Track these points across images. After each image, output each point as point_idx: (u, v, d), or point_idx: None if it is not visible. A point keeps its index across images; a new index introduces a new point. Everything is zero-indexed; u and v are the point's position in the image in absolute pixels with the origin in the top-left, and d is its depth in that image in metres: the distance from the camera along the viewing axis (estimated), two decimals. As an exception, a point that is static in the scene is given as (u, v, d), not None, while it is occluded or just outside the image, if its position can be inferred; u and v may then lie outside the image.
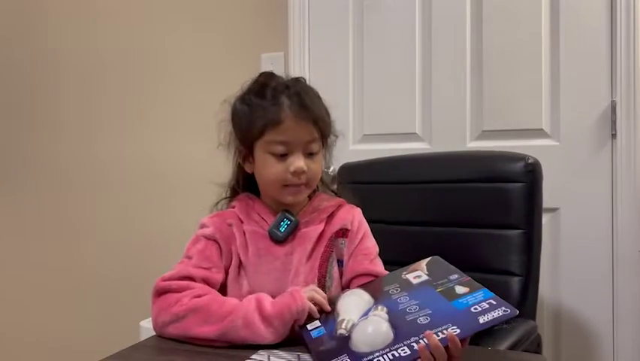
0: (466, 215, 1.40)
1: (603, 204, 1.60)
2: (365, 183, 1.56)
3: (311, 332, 0.89)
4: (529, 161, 1.35)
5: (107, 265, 2.29)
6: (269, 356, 0.85)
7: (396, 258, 1.14)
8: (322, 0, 1.94)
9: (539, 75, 1.68)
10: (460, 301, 0.81)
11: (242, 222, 1.07)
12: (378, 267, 1.08)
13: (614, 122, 1.59)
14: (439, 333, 0.76)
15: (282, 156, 1.02)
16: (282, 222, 1.05)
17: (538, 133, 1.68)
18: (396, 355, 0.75)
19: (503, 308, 0.78)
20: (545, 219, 1.65)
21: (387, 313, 0.84)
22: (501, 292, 1.26)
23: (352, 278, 1.06)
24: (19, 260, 2.46)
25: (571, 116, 1.64)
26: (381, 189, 1.54)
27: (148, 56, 2.21)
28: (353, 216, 1.11)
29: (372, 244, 1.11)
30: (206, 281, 1.01)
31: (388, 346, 0.77)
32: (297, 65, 1.94)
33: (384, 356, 0.76)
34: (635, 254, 1.56)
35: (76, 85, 2.35)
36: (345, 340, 0.82)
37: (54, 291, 2.39)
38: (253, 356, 0.86)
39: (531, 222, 1.34)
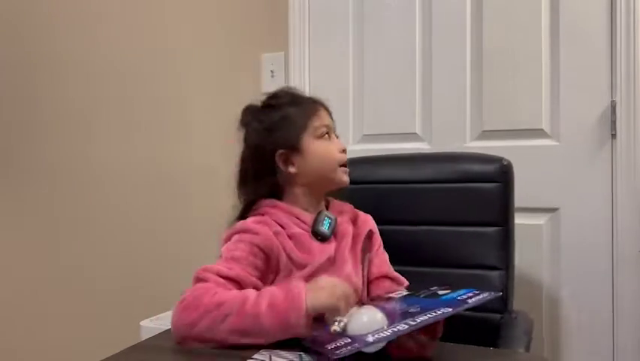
0: (447, 214, 1.45)
1: (603, 204, 1.60)
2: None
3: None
4: (505, 163, 1.41)
5: (107, 266, 2.29)
6: (270, 356, 0.85)
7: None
8: (322, 0, 1.95)
9: (539, 75, 1.68)
10: (444, 297, 0.86)
11: (283, 227, 1.07)
12: (395, 273, 1.19)
13: (614, 122, 1.59)
14: (433, 312, 0.80)
15: (329, 138, 1.14)
16: (324, 221, 1.10)
17: (538, 133, 1.68)
18: (395, 330, 0.79)
19: (488, 292, 0.84)
20: (545, 219, 1.67)
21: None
22: (484, 286, 1.29)
23: (375, 279, 1.16)
24: (19, 260, 2.46)
25: (571, 116, 1.64)
26: (361, 190, 1.53)
27: (148, 56, 2.21)
28: (372, 221, 1.22)
29: (384, 251, 1.22)
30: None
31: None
32: (297, 65, 1.94)
33: (385, 332, 0.79)
34: (635, 254, 1.56)
35: (76, 86, 2.35)
36: (341, 333, 0.84)
37: (54, 291, 2.39)
38: (255, 356, 0.86)
39: (507, 219, 1.41)
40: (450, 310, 0.79)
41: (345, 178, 1.14)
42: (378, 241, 1.21)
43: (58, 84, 2.38)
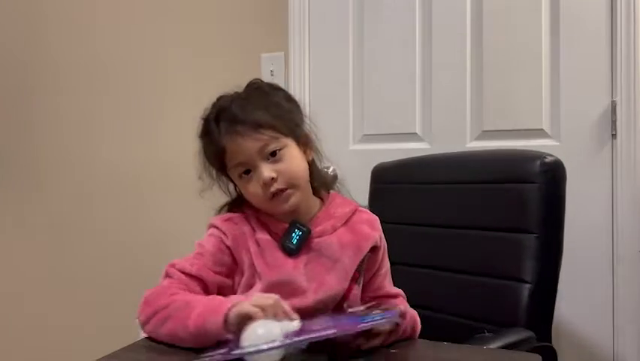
0: (479, 217, 1.36)
1: (603, 204, 1.60)
2: (382, 183, 1.58)
3: None
4: (546, 160, 1.25)
5: (106, 265, 2.29)
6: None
7: (406, 259, 1.14)
8: (322, 0, 1.95)
9: (539, 75, 1.67)
10: (365, 317, 0.82)
11: (254, 230, 1.02)
12: (392, 288, 1.11)
13: (614, 122, 1.59)
14: (317, 333, 0.79)
15: (250, 174, 0.98)
16: (293, 234, 0.99)
17: (539, 133, 1.68)
18: (268, 346, 0.77)
19: (388, 315, 0.82)
20: (545, 219, 1.66)
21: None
22: (509, 299, 1.24)
23: (374, 298, 1.06)
24: (19, 260, 2.46)
25: (571, 116, 1.64)
26: (393, 190, 1.54)
27: (147, 56, 2.21)
28: (379, 229, 1.08)
29: (387, 260, 1.11)
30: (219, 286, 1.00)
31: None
32: (297, 65, 1.94)
33: (262, 346, 0.77)
34: (635, 254, 1.55)
35: (75, 86, 2.35)
36: (237, 340, 0.81)
37: (54, 291, 2.39)
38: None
39: (547, 226, 1.25)
40: (334, 330, 0.79)
41: (281, 208, 0.99)
42: (381, 252, 1.08)
43: (56, 84, 2.39)
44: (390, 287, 1.10)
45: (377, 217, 1.10)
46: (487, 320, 1.28)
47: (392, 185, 1.57)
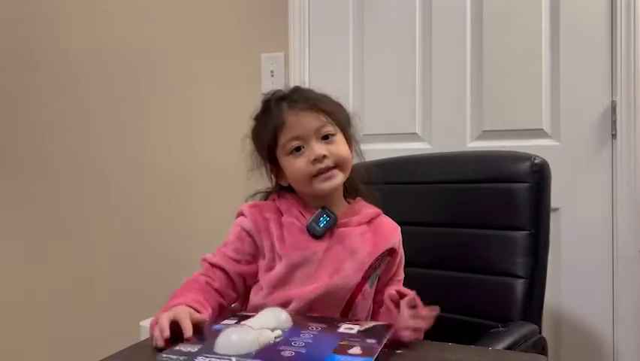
0: (472, 216, 1.38)
1: (603, 204, 1.60)
2: (372, 183, 1.56)
3: (215, 325, 0.89)
4: (536, 161, 1.32)
5: (107, 265, 2.29)
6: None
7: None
8: (322, 0, 1.95)
9: (539, 75, 1.68)
10: (338, 357, 0.78)
11: (281, 214, 1.08)
12: None
13: (614, 122, 1.59)
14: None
15: (300, 151, 1.04)
16: (321, 218, 1.06)
17: (538, 133, 1.68)
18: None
19: None
20: (545, 219, 1.67)
21: (278, 338, 0.82)
22: (505, 295, 1.27)
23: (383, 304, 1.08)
24: (19, 260, 2.46)
25: (571, 116, 1.64)
26: (387, 190, 1.53)
27: (148, 56, 2.21)
28: (399, 235, 1.14)
29: (402, 270, 1.15)
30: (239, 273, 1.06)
31: (243, 355, 0.75)
32: (297, 65, 1.94)
33: (233, 358, 0.74)
34: (635, 254, 1.56)
35: (77, 84, 2.34)
36: (214, 339, 0.80)
37: (54, 291, 2.39)
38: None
39: (537, 224, 1.31)
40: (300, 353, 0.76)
41: (323, 186, 1.04)
42: (398, 259, 1.13)
43: (59, 81, 2.38)
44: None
45: (398, 225, 1.15)
46: (484, 316, 1.31)
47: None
